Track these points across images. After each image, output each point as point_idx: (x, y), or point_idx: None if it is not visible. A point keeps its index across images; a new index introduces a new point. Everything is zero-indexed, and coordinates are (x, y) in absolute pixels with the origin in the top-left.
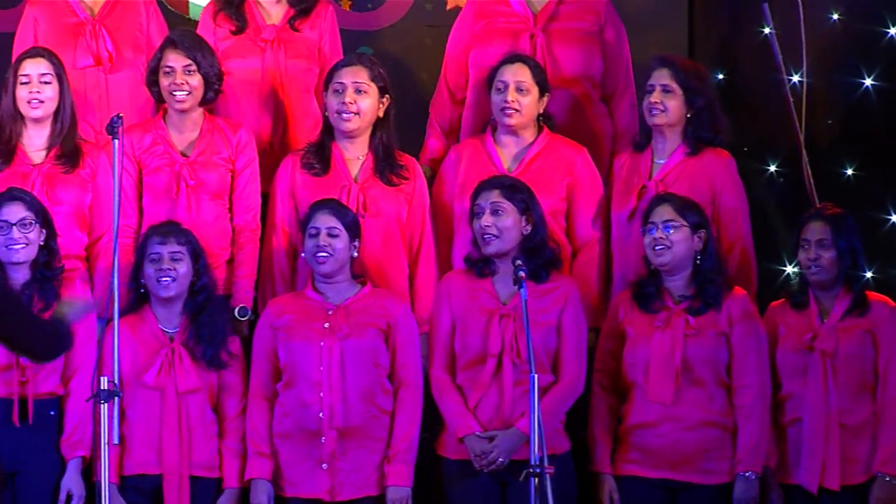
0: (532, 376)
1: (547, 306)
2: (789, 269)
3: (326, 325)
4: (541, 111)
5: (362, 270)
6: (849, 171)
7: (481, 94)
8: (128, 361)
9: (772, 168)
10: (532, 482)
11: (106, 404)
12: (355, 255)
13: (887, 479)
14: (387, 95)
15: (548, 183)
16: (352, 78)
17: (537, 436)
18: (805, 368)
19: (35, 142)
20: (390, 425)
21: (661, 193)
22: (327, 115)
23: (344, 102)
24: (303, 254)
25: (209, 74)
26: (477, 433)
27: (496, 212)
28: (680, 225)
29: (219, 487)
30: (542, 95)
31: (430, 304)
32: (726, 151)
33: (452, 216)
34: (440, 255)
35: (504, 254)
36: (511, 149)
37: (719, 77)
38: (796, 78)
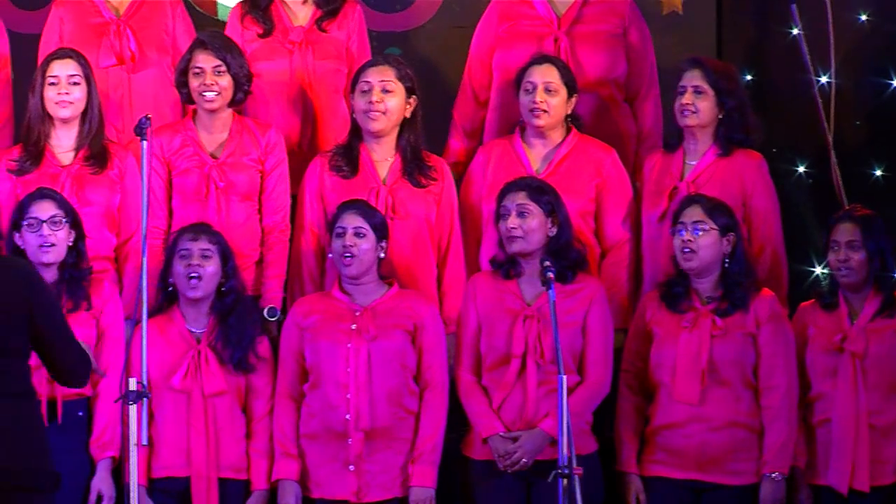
0: (560, 377)
1: (572, 307)
2: (818, 271)
3: (354, 327)
4: (569, 112)
5: (390, 272)
6: (877, 172)
7: (505, 97)
8: (156, 363)
9: (800, 169)
10: (560, 483)
11: (134, 405)
12: (382, 257)
13: None
14: (414, 96)
15: (577, 184)
16: (378, 77)
17: (566, 436)
18: (835, 369)
19: (63, 143)
20: (416, 426)
21: (692, 195)
22: (354, 117)
23: (371, 102)
24: (330, 254)
25: (239, 75)
26: (500, 434)
27: (522, 213)
28: (709, 228)
29: (247, 489)
30: (571, 96)
31: (458, 305)
32: (758, 153)
33: (480, 217)
34: (468, 257)
35: (529, 254)
36: (539, 150)
37: (747, 78)
38: (824, 79)
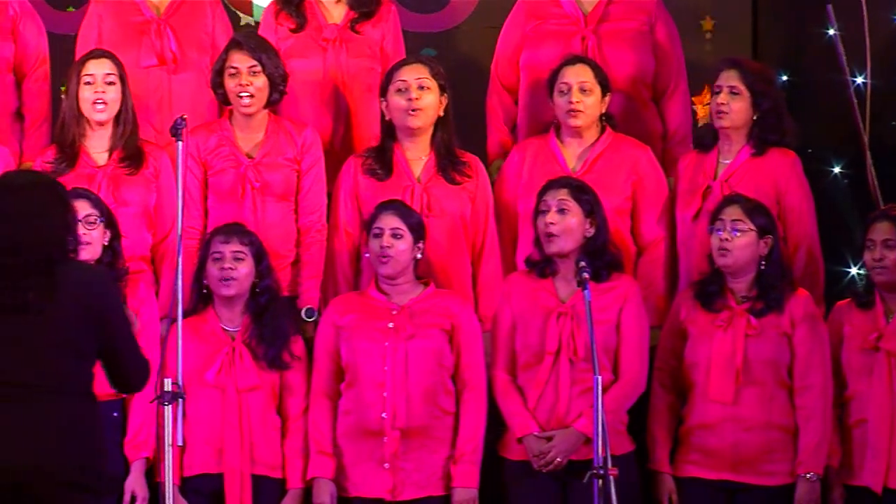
0: (596, 378)
1: (606, 304)
2: (854, 271)
3: (391, 325)
4: (603, 111)
5: (426, 271)
6: None
7: (535, 96)
8: (190, 360)
9: (836, 170)
10: (595, 484)
11: (169, 406)
12: (419, 257)
13: None
14: (445, 94)
15: (612, 182)
16: (414, 75)
17: (601, 437)
18: (871, 368)
19: (98, 144)
20: (453, 426)
21: (732, 194)
22: (388, 118)
23: (410, 99)
24: (366, 254)
25: (274, 76)
26: (535, 433)
27: (562, 210)
28: (747, 228)
29: (282, 488)
30: (605, 95)
31: (493, 303)
32: (791, 151)
33: (516, 217)
34: (504, 256)
35: (565, 254)
36: (575, 149)
37: (783, 79)
38: (860, 79)
